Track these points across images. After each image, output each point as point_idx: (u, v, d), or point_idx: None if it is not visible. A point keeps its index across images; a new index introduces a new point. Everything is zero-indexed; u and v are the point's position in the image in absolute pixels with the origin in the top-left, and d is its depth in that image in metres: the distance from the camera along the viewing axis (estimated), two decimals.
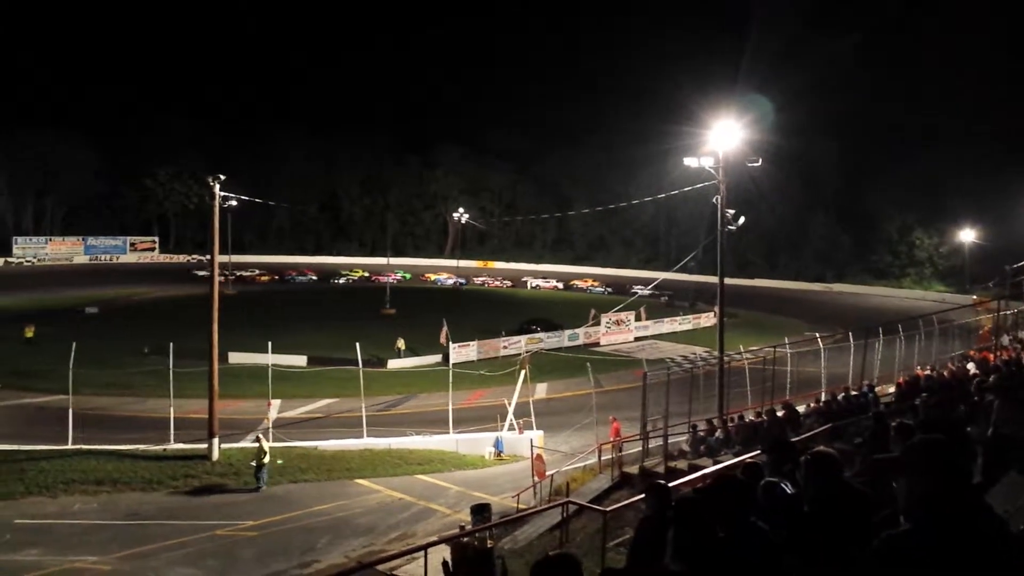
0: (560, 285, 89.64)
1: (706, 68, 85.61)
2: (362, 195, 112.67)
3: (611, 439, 25.16)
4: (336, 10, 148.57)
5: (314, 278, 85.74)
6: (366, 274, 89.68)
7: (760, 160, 24.13)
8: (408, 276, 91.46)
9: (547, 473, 21.22)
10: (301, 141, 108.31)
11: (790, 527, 4.84)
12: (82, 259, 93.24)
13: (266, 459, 22.66)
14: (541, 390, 36.67)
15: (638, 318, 55.42)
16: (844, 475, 5.29)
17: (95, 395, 33.07)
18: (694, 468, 16.06)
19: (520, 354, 41.42)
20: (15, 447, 25.40)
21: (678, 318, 59.77)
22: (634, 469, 19.30)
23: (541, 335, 50.43)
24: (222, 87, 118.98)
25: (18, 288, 70.68)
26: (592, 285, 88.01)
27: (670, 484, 7.31)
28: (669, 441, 20.44)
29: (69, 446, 25.34)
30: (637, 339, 53.86)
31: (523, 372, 30.04)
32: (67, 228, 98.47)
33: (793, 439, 10.96)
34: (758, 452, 11.27)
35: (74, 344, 27.47)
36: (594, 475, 20.84)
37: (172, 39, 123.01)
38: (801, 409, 19.35)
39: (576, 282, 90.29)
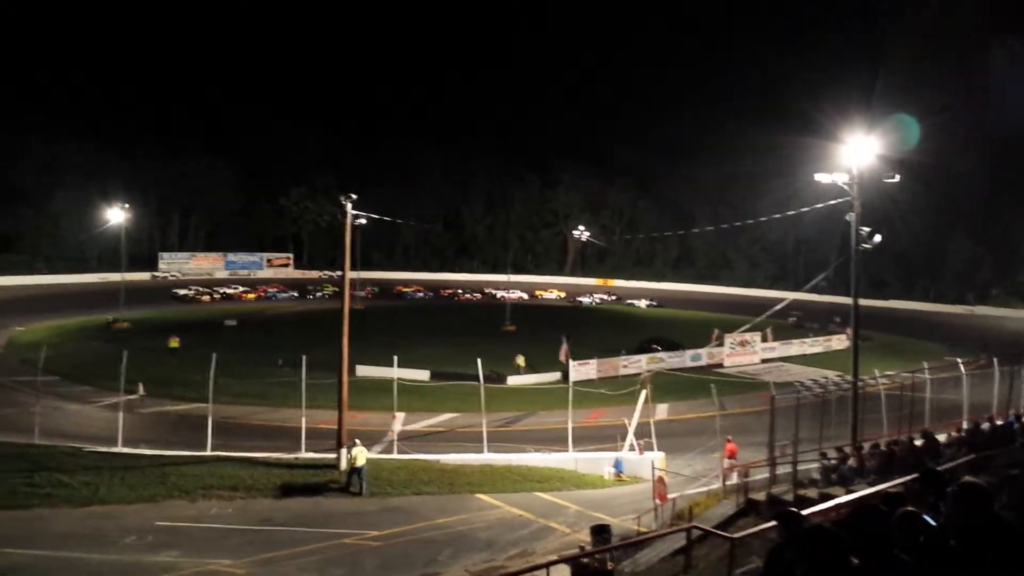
0: (525, 296, 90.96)
1: (839, 79, 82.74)
2: (485, 214, 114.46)
3: (726, 459, 24.79)
4: (461, 31, 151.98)
5: (295, 294, 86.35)
6: (335, 289, 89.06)
7: (898, 176, 23.06)
8: (378, 289, 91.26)
9: (668, 496, 20.80)
10: (428, 161, 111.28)
11: (935, 561, 4.57)
12: (222, 274, 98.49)
13: (358, 463, 23.35)
14: (662, 411, 36.06)
15: (764, 339, 53.80)
16: (994, 507, 4.97)
17: (231, 404, 34.72)
18: (825, 497, 15.38)
19: (641, 373, 40.87)
20: (158, 452, 27.00)
21: (807, 340, 57.62)
22: (761, 496, 18.66)
23: (662, 355, 49.65)
24: (354, 109, 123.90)
25: (163, 301, 75.46)
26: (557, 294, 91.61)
27: (803, 512, 7.02)
28: (798, 468, 19.68)
29: (207, 452, 26.71)
30: (763, 361, 52.25)
31: (644, 392, 29.58)
32: (209, 244, 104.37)
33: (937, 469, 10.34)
34: (896, 482, 10.70)
35: (214, 355, 28.97)
36: (718, 500, 20.27)
37: (307, 63, 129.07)
38: (941, 438, 18.25)
39: (540, 292, 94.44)
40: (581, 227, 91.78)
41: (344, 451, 25.71)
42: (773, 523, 8.40)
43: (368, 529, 20.01)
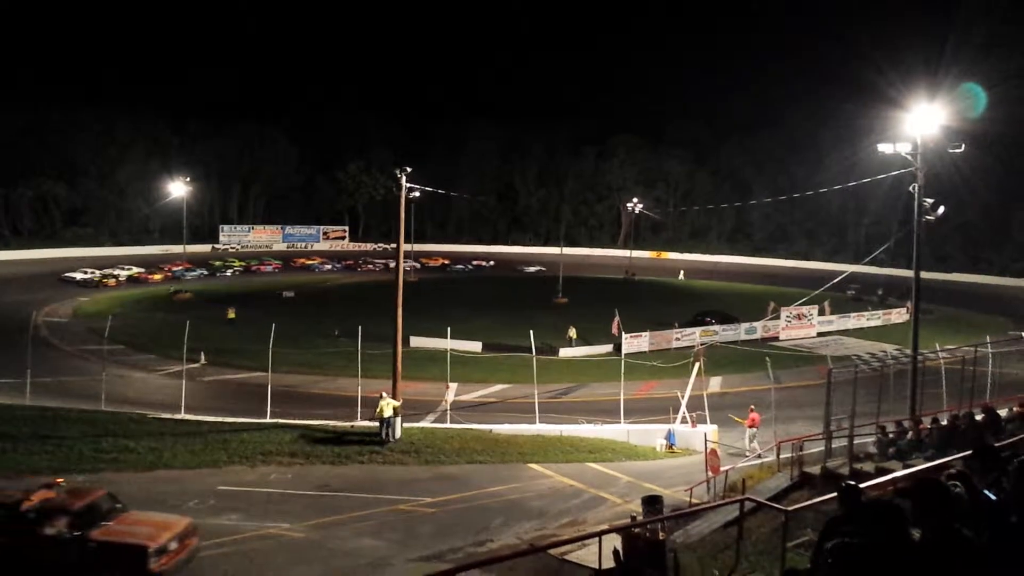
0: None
1: (903, 46, 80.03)
2: (538, 186, 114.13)
3: (748, 428, 26.22)
4: (515, 5, 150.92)
5: (204, 272, 76.93)
6: (244, 263, 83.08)
7: (963, 146, 22.31)
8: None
9: (721, 469, 20.72)
10: (482, 134, 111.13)
11: (996, 536, 4.51)
12: (280, 246, 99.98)
13: (386, 414, 25.12)
14: (715, 384, 35.81)
15: (821, 312, 52.89)
16: None
17: (289, 373, 35.52)
18: (881, 471, 15.17)
19: (694, 346, 40.59)
20: (220, 419, 27.77)
21: (866, 313, 56.51)
22: (815, 469, 18.47)
23: (716, 327, 49.18)
24: (408, 83, 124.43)
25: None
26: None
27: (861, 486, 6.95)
28: (855, 442, 19.40)
29: (267, 420, 27.39)
30: (820, 334, 51.40)
31: (697, 365, 29.41)
32: (268, 217, 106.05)
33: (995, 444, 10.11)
34: (954, 456, 10.51)
35: (273, 325, 29.60)
36: (772, 473, 20.13)
37: (364, 39, 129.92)
38: (1003, 413, 17.80)
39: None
40: (635, 199, 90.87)
41: (399, 419, 26.17)
42: (829, 496, 8.34)
43: (422, 496, 20.36)
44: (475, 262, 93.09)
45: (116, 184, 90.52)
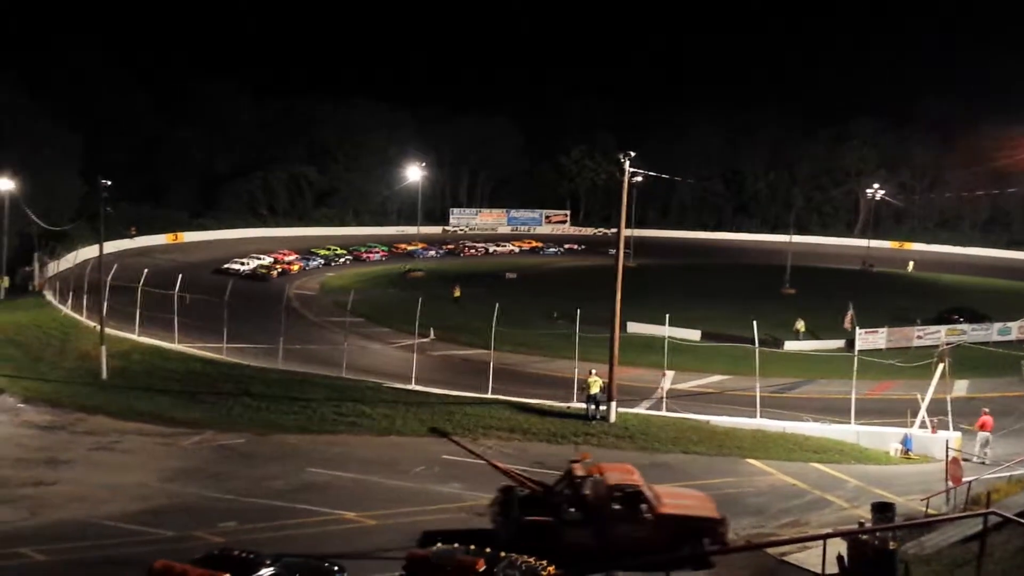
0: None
1: None
2: (767, 170, 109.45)
3: (978, 432, 24.08)
4: None
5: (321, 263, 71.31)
6: (348, 251, 75.69)
7: None
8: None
9: (963, 479, 19.02)
10: (707, 116, 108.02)
11: None
12: (505, 229, 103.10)
13: (593, 390, 25.99)
14: (961, 387, 32.79)
15: None
16: None
17: (510, 352, 36.70)
18: None
19: (938, 346, 37.37)
20: (445, 391, 29.27)
21: None
22: None
23: (964, 326, 44.97)
24: (632, 64, 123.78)
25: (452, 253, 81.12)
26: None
27: None
28: None
29: (488, 395, 28.50)
30: None
31: (941, 366, 27.07)
32: (494, 201, 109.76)
33: None
34: None
35: (496, 305, 30.71)
36: (1021, 488, 18.20)
37: (586, 21, 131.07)
38: None
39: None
40: (875, 185, 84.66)
41: (614, 404, 26.34)
42: None
43: None
44: (567, 245, 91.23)
45: (360, 168, 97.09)
